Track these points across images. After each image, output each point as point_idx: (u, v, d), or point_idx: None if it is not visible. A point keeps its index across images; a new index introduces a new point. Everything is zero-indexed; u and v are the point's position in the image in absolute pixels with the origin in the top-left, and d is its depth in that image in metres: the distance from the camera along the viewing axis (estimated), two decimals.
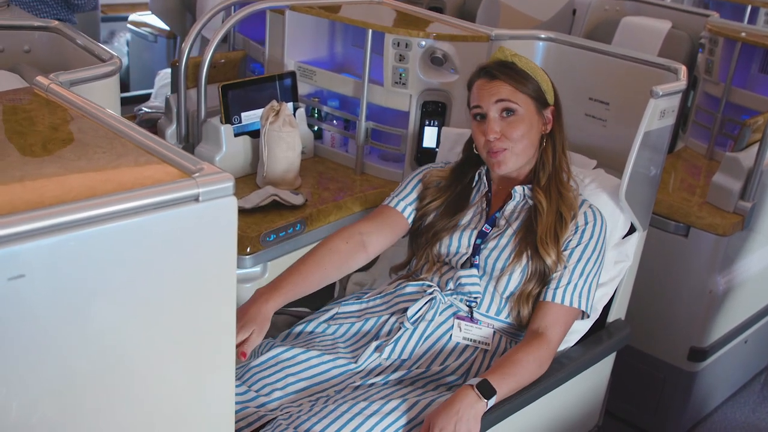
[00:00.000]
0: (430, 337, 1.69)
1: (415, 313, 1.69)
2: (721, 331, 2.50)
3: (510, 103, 1.69)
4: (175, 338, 1.03)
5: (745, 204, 2.33)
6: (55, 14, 3.09)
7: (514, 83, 1.70)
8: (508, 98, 1.69)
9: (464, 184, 1.84)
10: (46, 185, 0.96)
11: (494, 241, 1.73)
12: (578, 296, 1.69)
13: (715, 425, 2.67)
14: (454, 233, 1.77)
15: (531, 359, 1.62)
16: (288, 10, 2.33)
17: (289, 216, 1.97)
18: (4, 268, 0.83)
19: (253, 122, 2.20)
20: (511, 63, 1.72)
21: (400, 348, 1.67)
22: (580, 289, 1.70)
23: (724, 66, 2.77)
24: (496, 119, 1.70)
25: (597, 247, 1.72)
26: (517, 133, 1.70)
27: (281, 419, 1.52)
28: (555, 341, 1.67)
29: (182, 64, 2.13)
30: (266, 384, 1.60)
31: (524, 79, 1.71)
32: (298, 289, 1.64)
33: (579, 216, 1.73)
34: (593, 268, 1.72)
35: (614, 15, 3.36)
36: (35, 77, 1.28)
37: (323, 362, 1.65)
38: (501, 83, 1.70)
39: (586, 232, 1.72)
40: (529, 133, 1.71)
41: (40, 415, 0.92)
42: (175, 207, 0.95)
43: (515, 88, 1.70)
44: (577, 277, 1.70)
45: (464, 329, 1.70)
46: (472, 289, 1.72)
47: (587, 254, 1.71)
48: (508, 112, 1.70)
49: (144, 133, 1.08)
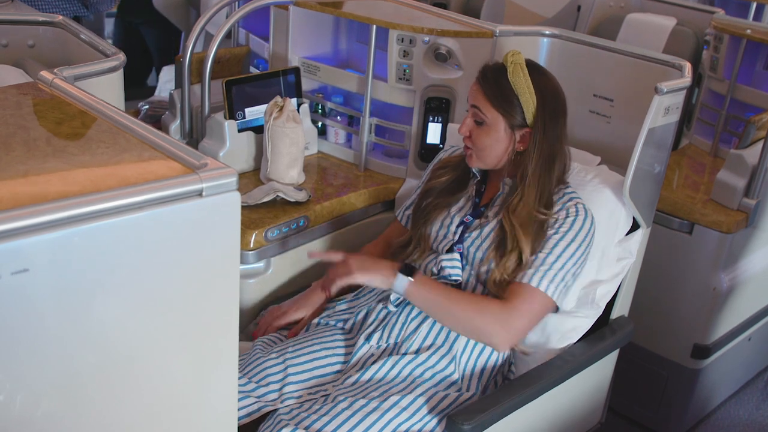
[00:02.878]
0: (416, 318, 1.70)
1: (398, 297, 1.71)
2: (724, 329, 2.50)
3: (480, 113, 1.73)
4: (178, 333, 1.03)
5: (749, 201, 2.32)
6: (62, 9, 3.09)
7: (490, 97, 1.71)
8: (480, 108, 1.72)
9: (465, 170, 1.86)
10: (50, 180, 0.96)
11: (477, 230, 1.74)
12: (548, 282, 1.65)
13: (718, 423, 2.67)
14: (445, 218, 1.80)
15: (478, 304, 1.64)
16: (292, 5, 2.33)
17: (292, 212, 1.97)
18: (8, 263, 0.83)
19: (257, 118, 2.20)
20: (503, 71, 1.70)
21: (387, 333, 1.70)
22: (552, 276, 1.65)
23: (729, 63, 2.76)
24: (470, 121, 1.75)
25: (576, 242, 1.69)
26: (480, 142, 1.74)
27: (282, 414, 1.53)
28: (517, 315, 1.63)
29: (186, 59, 2.13)
30: (267, 375, 1.63)
31: (502, 95, 1.70)
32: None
33: (562, 211, 1.71)
34: (569, 261, 1.68)
35: (619, 11, 3.35)
36: (39, 72, 1.28)
37: (321, 357, 1.69)
38: (480, 91, 1.72)
39: (565, 223, 1.69)
40: (494, 146, 1.73)
41: (44, 409, 0.93)
42: (178, 202, 0.95)
43: (489, 102, 1.71)
44: (550, 264, 1.66)
45: None
46: (452, 272, 1.72)
47: (563, 244, 1.67)
48: (477, 122, 1.74)
49: (148, 129, 1.08)
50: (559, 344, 1.80)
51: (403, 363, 1.65)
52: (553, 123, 1.72)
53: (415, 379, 1.64)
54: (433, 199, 1.85)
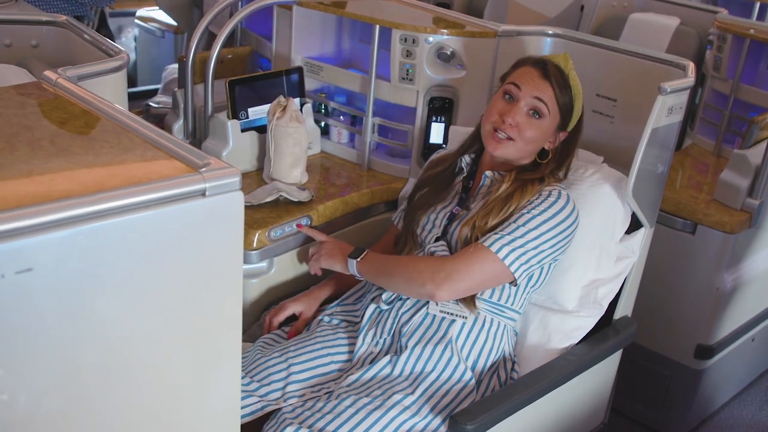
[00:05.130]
0: (407, 312, 1.71)
1: (391, 295, 1.72)
2: (728, 329, 2.50)
3: (543, 106, 1.69)
4: (181, 333, 1.03)
5: (752, 201, 2.32)
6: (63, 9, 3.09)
7: (559, 93, 1.70)
8: (547, 102, 1.69)
9: (452, 167, 1.88)
10: (54, 179, 0.96)
11: (459, 220, 1.74)
12: (505, 246, 1.61)
13: (721, 423, 2.67)
14: (431, 213, 1.81)
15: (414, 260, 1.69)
16: (295, 5, 2.33)
17: (295, 211, 1.97)
18: (12, 262, 0.83)
19: (261, 118, 2.20)
20: (567, 75, 1.72)
21: (380, 330, 1.71)
22: (510, 241, 1.62)
23: (732, 63, 2.75)
24: (523, 111, 1.69)
25: (551, 222, 1.65)
26: (530, 135, 1.70)
27: (286, 413, 1.53)
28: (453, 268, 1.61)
29: (189, 59, 2.13)
30: (269, 374, 1.63)
31: (568, 96, 1.72)
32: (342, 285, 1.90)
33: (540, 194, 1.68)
34: (538, 238, 1.63)
35: (622, 11, 3.35)
36: (43, 72, 1.28)
37: (323, 355, 1.70)
38: (549, 85, 1.70)
39: (541, 203, 1.66)
40: (539, 141, 1.73)
41: (47, 407, 0.93)
42: (182, 202, 0.95)
43: (556, 97, 1.70)
44: (511, 231, 1.63)
45: (441, 304, 1.68)
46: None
47: (535, 221, 1.64)
48: (535, 113, 1.70)
49: (151, 128, 1.09)
50: (562, 344, 1.80)
51: (402, 360, 1.65)
52: (580, 131, 1.78)
53: (417, 376, 1.64)
54: (421, 197, 1.86)
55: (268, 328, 1.83)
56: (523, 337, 1.83)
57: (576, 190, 1.81)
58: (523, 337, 1.83)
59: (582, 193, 1.80)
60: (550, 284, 1.80)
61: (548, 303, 1.84)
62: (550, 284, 1.81)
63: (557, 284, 1.81)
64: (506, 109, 1.70)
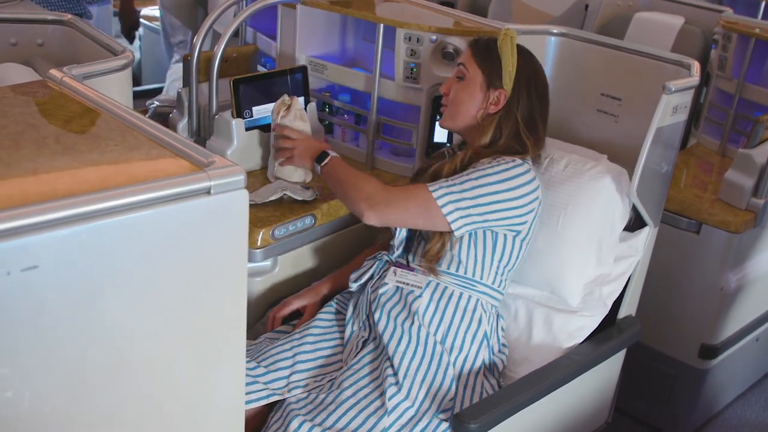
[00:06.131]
0: (374, 292, 1.74)
1: (360, 276, 1.79)
2: (732, 329, 2.49)
3: (463, 69, 1.78)
4: (185, 331, 1.03)
5: (757, 201, 2.31)
6: (68, 8, 3.09)
7: (475, 54, 1.77)
8: (465, 64, 1.78)
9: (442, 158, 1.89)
10: (59, 177, 0.97)
11: None
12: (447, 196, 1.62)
13: (725, 423, 2.66)
14: None
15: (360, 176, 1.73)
16: (300, 4, 2.33)
17: (299, 210, 1.97)
18: (18, 259, 0.84)
19: (265, 116, 2.21)
20: (494, 40, 1.76)
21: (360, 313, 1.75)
22: (455, 196, 1.62)
23: (737, 62, 2.75)
24: (452, 78, 1.81)
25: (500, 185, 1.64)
26: (457, 97, 1.78)
27: (291, 404, 1.55)
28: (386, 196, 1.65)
29: (194, 58, 2.14)
30: (276, 361, 1.67)
31: (487, 54, 1.76)
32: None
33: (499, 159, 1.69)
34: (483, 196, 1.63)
35: (627, 10, 3.34)
36: (49, 70, 1.29)
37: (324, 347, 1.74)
38: (468, 50, 1.79)
39: (494, 166, 1.66)
40: (468, 103, 1.76)
41: (52, 405, 0.93)
42: (186, 200, 0.95)
43: (473, 58, 1.77)
44: (459, 184, 1.64)
45: (399, 275, 1.75)
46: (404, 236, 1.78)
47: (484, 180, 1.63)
48: (459, 78, 1.78)
49: (156, 127, 1.09)
50: (566, 343, 1.80)
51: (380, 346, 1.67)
52: (528, 95, 1.75)
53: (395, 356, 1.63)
54: None
55: (271, 324, 1.85)
56: (527, 337, 1.83)
57: (575, 184, 1.81)
58: (528, 337, 1.83)
59: (580, 186, 1.81)
60: (551, 279, 1.81)
61: (552, 302, 1.84)
62: (552, 279, 1.81)
63: (558, 279, 1.81)
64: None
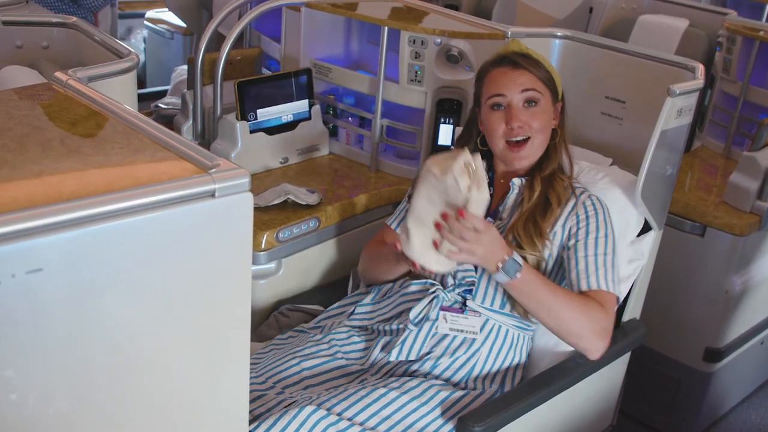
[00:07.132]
0: (436, 335, 1.66)
1: (418, 314, 1.66)
2: (737, 332, 2.48)
3: (535, 92, 1.68)
4: (190, 333, 1.03)
5: (762, 204, 2.31)
6: (73, 12, 3.10)
7: (537, 73, 1.69)
8: (534, 87, 1.68)
9: None
10: (64, 180, 0.97)
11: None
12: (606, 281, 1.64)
13: (730, 427, 2.65)
14: None
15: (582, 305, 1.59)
16: (304, 7, 2.33)
17: (303, 213, 1.97)
18: (23, 262, 0.84)
19: (269, 119, 2.21)
20: (528, 54, 1.72)
21: (406, 350, 1.65)
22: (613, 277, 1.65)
23: (741, 64, 2.74)
24: (521, 108, 1.68)
25: (608, 235, 1.68)
26: (538, 124, 1.69)
27: (305, 404, 1.53)
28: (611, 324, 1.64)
29: (198, 60, 2.14)
30: (283, 378, 1.62)
31: (541, 67, 1.71)
32: None
33: (579, 206, 1.69)
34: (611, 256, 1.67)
35: (631, 13, 3.34)
36: (53, 73, 1.29)
37: (336, 359, 1.67)
38: (525, 72, 1.68)
39: (591, 223, 1.67)
40: (548, 125, 1.72)
41: (56, 407, 0.93)
42: (191, 202, 0.95)
43: (538, 78, 1.69)
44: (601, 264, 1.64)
45: (450, 320, 1.66)
46: (467, 275, 1.68)
47: (602, 244, 1.66)
48: (530, 103, 1.69)
49: (161, 129, 1.09)
50: (570, 347, 1.79)
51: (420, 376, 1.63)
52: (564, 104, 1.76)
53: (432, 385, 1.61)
54: None
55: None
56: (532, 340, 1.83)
57: None
58: (533, 340, 1.82)
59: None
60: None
61: None
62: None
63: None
64: (506, 118, 1.68)
